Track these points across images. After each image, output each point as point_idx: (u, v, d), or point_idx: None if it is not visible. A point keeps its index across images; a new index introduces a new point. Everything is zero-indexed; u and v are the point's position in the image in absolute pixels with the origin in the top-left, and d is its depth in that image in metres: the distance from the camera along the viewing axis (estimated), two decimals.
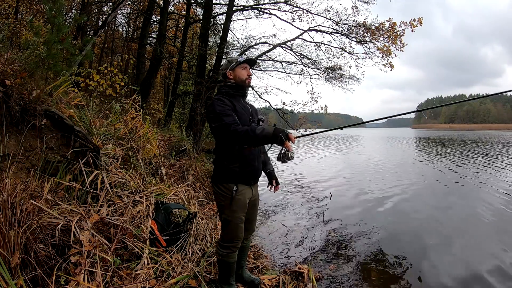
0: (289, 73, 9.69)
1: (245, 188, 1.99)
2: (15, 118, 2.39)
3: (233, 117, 1.83)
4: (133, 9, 12.57)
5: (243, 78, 2.03)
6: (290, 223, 4.28)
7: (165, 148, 5.34)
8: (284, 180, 7.50)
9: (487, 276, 2.77)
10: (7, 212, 1.77)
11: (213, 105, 1.90)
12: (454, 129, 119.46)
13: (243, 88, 2.06)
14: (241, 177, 1.96)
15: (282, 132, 1.60)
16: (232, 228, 1.99)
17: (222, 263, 2.07)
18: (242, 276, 2.31)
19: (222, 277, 2.11)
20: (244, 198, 1.99)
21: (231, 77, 2.04)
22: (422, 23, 8.70)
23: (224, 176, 1.96)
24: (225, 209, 1.98)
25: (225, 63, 2.10)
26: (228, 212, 1.97)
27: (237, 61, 2.04)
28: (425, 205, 5.34)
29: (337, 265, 2.99)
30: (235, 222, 1.98)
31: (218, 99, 1.92)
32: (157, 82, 13.72)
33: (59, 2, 3.28)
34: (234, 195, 1.94)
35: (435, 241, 3.62)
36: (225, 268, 2.07)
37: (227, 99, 1.95)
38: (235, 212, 1.97)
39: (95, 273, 1.85)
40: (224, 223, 2.02)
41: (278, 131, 1.61)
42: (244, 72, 2.05)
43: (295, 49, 9.39)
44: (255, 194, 2.11)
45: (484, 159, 11.90)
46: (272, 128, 1.64)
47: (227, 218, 1.99)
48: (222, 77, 2.09)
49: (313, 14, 9.14)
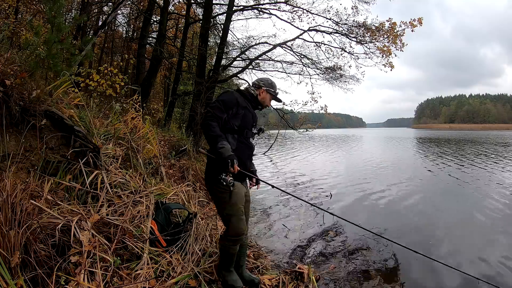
0: (289, 73, 9.66)
1: (239, 184, 2.14)
2: (15, 118, 2.39)
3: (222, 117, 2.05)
4: (133, 9, 12.56)
5: (264, 104, 2.36)
6: (290, 223, 4.28)
7: (165, 148, 5.34)
8: (285, 180, 7.50)
9: (487, 276, 2.77)
10: (7, 212, 1.76)
11: (226, 95, 2.16)
12: (454, 129, 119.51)
13: (258, 105, 2.35)
14: (235, 175, 2.05)
15: (231, 161, 1.93)
16: (235, 222, 2.08)
17: (224, 253, 2.18)
18: (242, 275, 2.33)
19: (222, 265, 2.24)
20: (241, 192, 2.14)
21: (261, 94, 2.32)
22: (422, 23, 8.70)
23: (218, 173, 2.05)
24: (226, 204, 2.08)
25: (268, 83, 2.36)
26: (229, 206, 2.07)
27: (275, 92, 2.37)
28: (425, 204, 5.34)
29: (337, 265, 2.99)
30: (237, 215, 2.08)
31: (232, 93, 2.18)
32: (157, 82, 13.71)
33: (59, 2, 3.28)
34: (232, 190, 2.05)
35: (435, 241, 3.63)
36: (227, 257, 2.19)
37: (241, 98, 2.20)
38: (236, 205, 2.07)
39: (95, 273, 1.85)
40: (227, 219, 2.11)
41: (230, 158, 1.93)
42: (269, 101, 2.39)
43: (295, 49, 9.37)
44: (247, 190, 2.30)
45: (481, 159, 11.91)
46: (228, 153, 1.94)
47: (229, 213, 2.08)
48: (253, 85, 2.36)
49: (313, 14, 9.14)
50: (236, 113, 2.11)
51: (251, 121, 2.23)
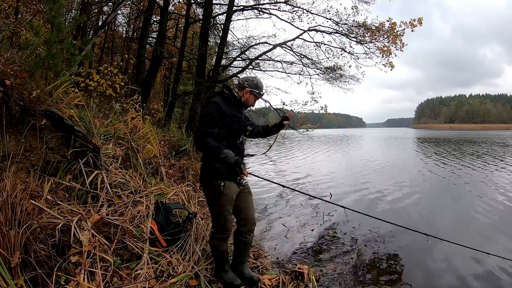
0: (289, 73, 9.64)
1: (231, 184, 2.18)
2: (15, 118, 2.39)
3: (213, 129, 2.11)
4: (133, 9, 12.56)
5: (248, 104, 2.31)
6: (290, 223, 4.28)
7: (165, 148, 5.34)
8: (285, 181, 7.50)
9: (487, 276, 2.77)
10: (7, 212, 1.76)
11: (210, 108, 2.15)
12: (454, 129, 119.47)
13: (242, 106, 2.31)
14: (227, 175, 2.16)
15: (239, 166, 2.09)
16: (222, 221, 2.19)
17: (214, 252, 2.28)
18: (242, 272, 2.37)
19: (217, 266, 2.31)
20: (231, 192, 2.19)
21: (243, 95, 2.27)
22: (422, 23, 8.70)
23: (212, 175, 2.16)
24: (214, 204, 2.19)
25: (253, 83, 2.28)
26: (217, 206, 2.18)
27: (258, 92, 2.29)
28: (425, 204, 5.34)
29: (337, 265, 2.99)
30: (223, 215, 2.18)
31: (217, 105, 2.15)
32: (157, 82, 13.71)
33: (59, 2, 3.28)
34: (221, 190, 2.14)
35: (435, 240, 3.62)
36: (218, 256, 2.28)
37: (225, 105, 2.19)
38: (223, 206, 2.17)
39: (95, 273, 1.85)
40: (214, 217, 2.23)
41: (237, 165, 2.08)
42: (253, 102, 2.33)
43: (295, 49, 9.36)
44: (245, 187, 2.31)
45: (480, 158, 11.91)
46: (234, 159, 2.07)
47: (216, 212, 2.20)
48: (237, 86, 2.29)
49: (313, 14, 9.14)
50: (222, 124, 2.16)
51: (238, 126, 2.25)
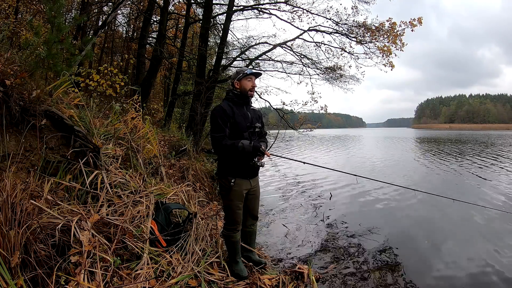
0: (289, 73, 9.62)
1: (242, 181, 2.33)
2: (15, 118, 2.39)
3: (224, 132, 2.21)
4: (133, 9, 12.55)
5: (247, 89, 2.34)
6: (290, 223, 4.28)
7: (165, 148, 5.34)
8: (285, 180, 7.50)
9: (488, 275, 2.77)
10: (7, 212, 1.76)
11: (214, 114, 2.25)
12: (454, 129, 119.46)
13: (246, 97, 2.36)
14: (239, 172, 2.31)
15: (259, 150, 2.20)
16: (231, 213, 2.37)
17: (227, 242, 2.47)
18: (250, 257, 2.63)
19: (229, 256, 2.49)
20: (241, 189, 2.33)
21: (237, 87, 2.34)
22: (422, 23, 8.70)
23: (225, 171, 2.33)
24: (225, 198, 2.38)
25: (234, 73, 2.39)
26: (227, 201, 2.37)
27: (244, 72, 2.32)
28: (425, 204, 5.34)
29: (337, 265, 2.99)
30: (233, 209, 2.35)
31: (221, 109, 2.26)
32: (157, 82, 13.70)
33: (59, 2, 3.28)
34: (231, 187, 2.29)
35: (435, 240, 3.62)
36: (230, 246, 2.44)
37: (230, 106, 2.29)
38: (232, 201, 2.34)
39: (95, 273, 1.85)
40: (225, 209, 2.43)
41: (256, 148, 2.19)
42: (249, 84, 2.33)
43: (295, 49, 9.34)
44: (253, 186, 2.44)
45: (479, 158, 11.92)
46: (251, 146, 2.19)
47: (226, 205, 2.39)
48: (230, 85, 2.40)
49: (313, 14, 9.11)
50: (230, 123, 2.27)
51: (244, 122, 2.31)
